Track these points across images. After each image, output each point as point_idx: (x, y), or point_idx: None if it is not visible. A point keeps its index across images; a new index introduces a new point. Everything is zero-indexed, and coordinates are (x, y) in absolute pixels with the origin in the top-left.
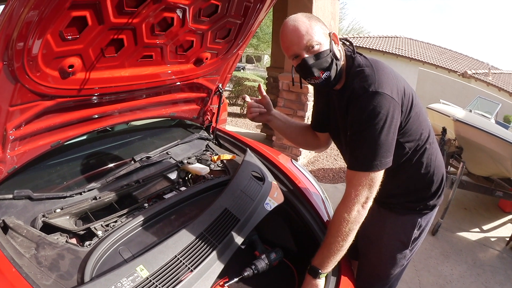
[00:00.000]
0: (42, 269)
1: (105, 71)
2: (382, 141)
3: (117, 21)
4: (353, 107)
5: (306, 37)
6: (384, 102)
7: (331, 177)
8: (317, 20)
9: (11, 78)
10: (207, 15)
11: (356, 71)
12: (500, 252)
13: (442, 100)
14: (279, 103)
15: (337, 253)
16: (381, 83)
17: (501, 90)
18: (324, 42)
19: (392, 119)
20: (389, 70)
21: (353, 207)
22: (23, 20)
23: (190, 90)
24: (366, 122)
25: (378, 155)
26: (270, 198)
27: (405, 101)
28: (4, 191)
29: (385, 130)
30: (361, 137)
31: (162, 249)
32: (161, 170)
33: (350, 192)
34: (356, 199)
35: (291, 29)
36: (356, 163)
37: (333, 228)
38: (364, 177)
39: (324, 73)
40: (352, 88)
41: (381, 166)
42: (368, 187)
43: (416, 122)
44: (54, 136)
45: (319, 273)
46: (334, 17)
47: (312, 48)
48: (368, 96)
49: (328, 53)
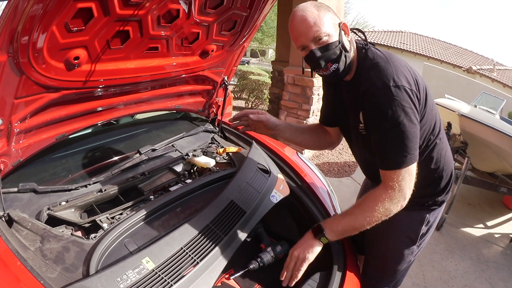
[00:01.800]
0: (47, 262)
1: (111, 63)
2: (411, 133)
3: (123, 13)
4: (374, 102)
5: (314, 28)
6: (405, 96)
7: (336, 171)
8: (327, 10)
9: (16, 71)
10: (213, 7)
11: (372, 63)
12: (504, 249)
13: (447, 95)
14: (284, 96)
15: (350, 223)
16: (399, 76)
17: (505, 86)
18: (333, 33)
19: (414, 111)
20: (404, 63)
21: (398, 199)
22: (28, 12)
23: (195, 83)
24: (392, 119)
25: (411, 148)
26: (276, 190)
27: (421, 93)
28: (9, 185)
29: (411, 123)
30: (389, 135)
31: (168, 241)
32: (166, 163)
33: (393, 186)
34: (400, 193)
35: (299, 19)
36: (391, 162)
37: (365, 204)
38: (404, 172)
39: (333, 65)
40: (371, 82)
41: (414, 158)
42: (409, 180)
43: (430, 115)
44: (59, 129)
45: (322, 234)
46: (339, 11)
47: (320, 39)
48: (390, 90)
49: (337, 45)
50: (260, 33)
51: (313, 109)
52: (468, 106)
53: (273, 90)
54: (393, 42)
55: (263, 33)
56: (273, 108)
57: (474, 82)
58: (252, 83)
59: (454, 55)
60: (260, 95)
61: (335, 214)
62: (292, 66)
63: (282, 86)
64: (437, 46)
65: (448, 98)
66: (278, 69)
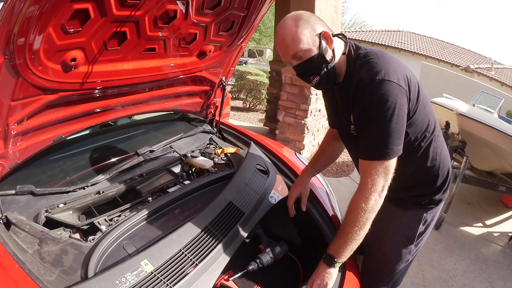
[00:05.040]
0: (45, 265)
1: (108, 64)
2: (392, 128)
3: (120, 14)
4: (361, 96)
5: (292, 47)
6: (392, 90)
7: (334, 171)
8: (306, 23)
9: (12, 72)
10: (211, 7)
11: (362, 62)
12: (503, 247)
13: (445, 94)
14: (282, 96)
15: (353, 242)
16: (387, 71)
17: (503, 85)
18: (311, 47)
19: (401, 106)
20: (394, 59)
21: (370, 196)
22: (24, 13)
23: (193, 83)
24: (376, 111)
25: (390, 143)
26: (274, 191)
27: (412, 89)
28: (7, 187)
29: (395, 118)
30: (371, 126)
31: (166, 243)
32: (164, 164)
33: (366, 181)
34: (373, 188)
35: (279, 38)
36: (368, 152)
37: (350, 218)
38: (378, 166)
39: (315, 78)
40: (359, 77)
41: (393, 154)
42: (383, 175)
43: (423, 112)
44: (57, 131)
45: (334, 262)
46: (337, 11)
47: (299, 57)
48: (376, 84)
49: (316, 58)
50: (257, 33)
51: (311, 109)
52: (467, 105)
53: (271, 90)
54: (390, 41)
55: (260, 33)
56: (271, 108)
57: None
58: (250, 83)
59: (452, 54)
60: (258, 95)
61: (336, 237)
62: (289, 66)
63: (280, 86)
64: (435, 45)
65: (446, 97)
66: (276, 69)
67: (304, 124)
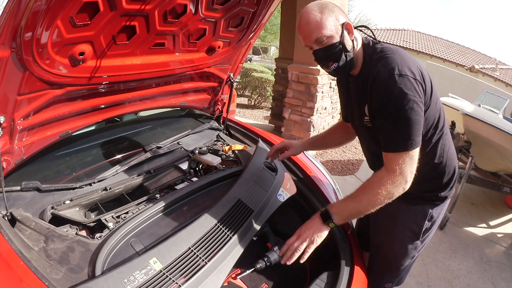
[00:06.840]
0: (51, 263)
1: (116, 59)
2: (414, 120)
3: (130, 7)
4: (380, 90)
5: (315, 32)
6: (410, 84)
7: (340, 169)
8: (331, 11)
9: (19, 66)
10: (221, 3)
11: (380, 56)
12: (507, 249)
13: (450, 93)
14: (288, 94)
15: (356, 210)
16: (404, 67)
17: (508, 86)
18: (334, 34)
19: (419, 99)
20: (409, 56)
21: (399, 182)
22: (32, 7)
23: (201, 80)
24: (396, 104)
25: (412, 134)
26: (283, 189)
27: (427, 84)
28: (12, 183)
29: (415, 110)
30: (393, 119)
31: (175, 241)
32: (172, 161)
33: (394, 168)
34: (401, 176)
35: (304, 22)
36: (393, 144)
37: (368, 187)
38: (404, 156)
39: (333, 64)
40: (377, 71)
41: (416, 144)
42: (409, 164)
43: (434, 108)
44: (63, 126)
45: (330, 219)
46: (343, 9)
47: (321, 42)
48: (395, 78)
49: (337, 46)
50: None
51: (317, 106)
52: (472, 105)
53: (276, 87)
54: (396, 40)
55: (265, 30)
56: (277, 105)
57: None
58: (255, 81)
59: (457, 54)
60: (263, 92)
61: (342, 199)
62: (296, 64)
63: (285, 83)
64: (440, 45)
65: (452, 97)
66: (282, 66)
67: (310, 122)
